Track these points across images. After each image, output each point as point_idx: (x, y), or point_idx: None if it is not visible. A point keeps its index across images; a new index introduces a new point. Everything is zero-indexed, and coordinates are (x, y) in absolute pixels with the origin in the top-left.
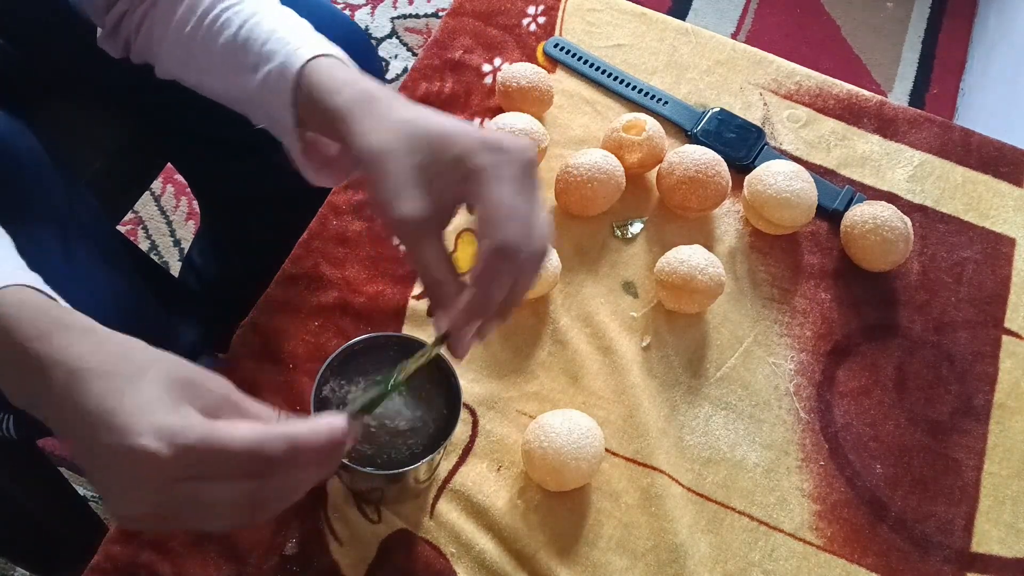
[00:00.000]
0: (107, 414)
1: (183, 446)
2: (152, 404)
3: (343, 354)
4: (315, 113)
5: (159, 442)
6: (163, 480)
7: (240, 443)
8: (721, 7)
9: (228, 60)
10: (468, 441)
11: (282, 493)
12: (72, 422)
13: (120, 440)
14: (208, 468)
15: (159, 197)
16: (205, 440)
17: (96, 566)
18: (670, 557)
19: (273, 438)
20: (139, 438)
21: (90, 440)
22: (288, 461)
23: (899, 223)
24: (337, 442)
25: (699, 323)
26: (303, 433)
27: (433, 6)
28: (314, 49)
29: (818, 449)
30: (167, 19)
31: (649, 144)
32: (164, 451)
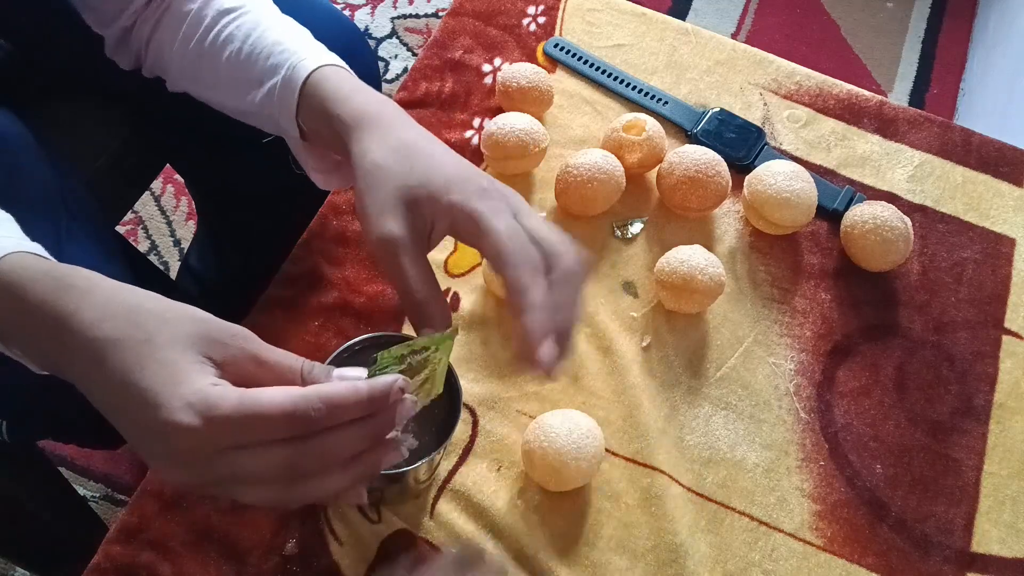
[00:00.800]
0: (133, 387)
1: (217, 416)
2: (175, 373)
3: (343, 354)
4: (320, 123)
5: (193, 416)
6: (201, 452)
7: (276, 407)
8: (721, 7)
9: (233, 75)
10: (468, 441)
11: (324, 458)
12: (100, 395)
13: (154, 415)
14: (245, 436)
15: (159, 197)
16: (240, 408)
17: (96, 566)
18: (670, 557)
19: (309, 398)
20: (172, 413)
21: (123, 414)
22: (326, 421)
23: (899, 223)
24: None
25: (699, 323)
26: (341, 392)
27: (433, 6)
28: (317, 60)
29: (818, 449)
30: (172, 35)
31: (649, 144)
32: (198, 424)
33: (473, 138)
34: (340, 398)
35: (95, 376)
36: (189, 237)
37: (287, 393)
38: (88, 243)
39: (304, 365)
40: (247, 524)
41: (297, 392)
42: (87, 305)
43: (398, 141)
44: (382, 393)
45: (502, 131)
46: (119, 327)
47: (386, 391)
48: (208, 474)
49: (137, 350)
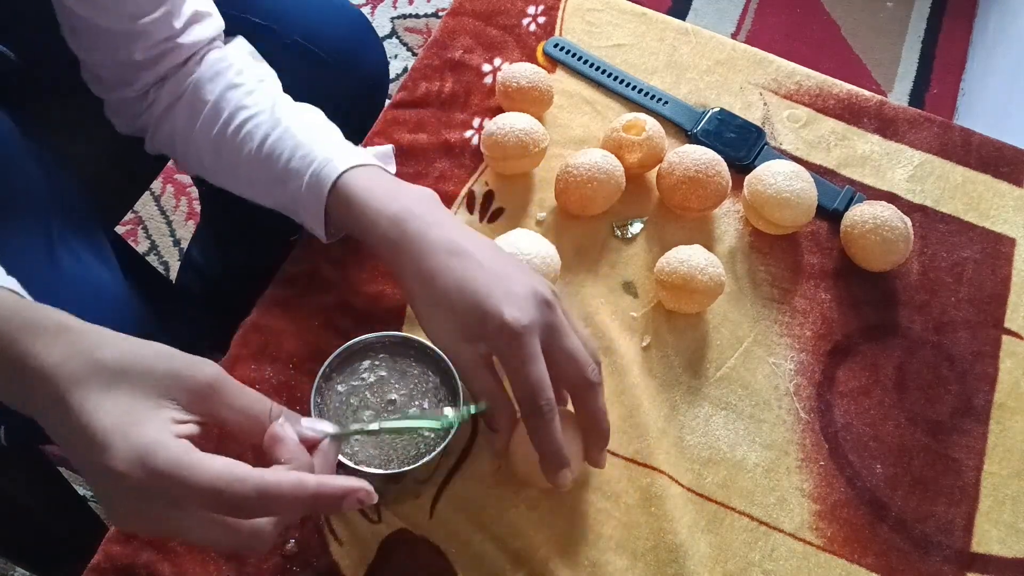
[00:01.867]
0: (88, 430)
1: (153, 469)
2: (131, 419)
3: (343, 354)
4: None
5: (132, 465)
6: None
7: (207, 480)
8: (721, 7)
9: (253, 172)
10: (468, 441)
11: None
12: (58, 433)
13: (100, 459)
14: (176, 496)
15: (159, 197)
16: (173, 468)
17: (96, 566)
18: (670, 557)
19: (244, 483)
20: (114, 460)
21: (78, 455)
22: (257, 507)
23: (899, 223)
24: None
25: (699, 323)
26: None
27: (433, 6)
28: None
29: (818, 449)
30: (189, 123)
31: (649, 144)
32: (136, 473)
33: (473, 138)
34: (277, 491)
35: (55, 415)
36: (189, 237)
37: (225, 470)
38: (81, 246)
39: (272, 410)
40: None
41: (234, 473)
42: (54, 346)
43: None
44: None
45: (502, 131)
46: (83, 369)
47: (339, 495)
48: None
49: (98, 391)
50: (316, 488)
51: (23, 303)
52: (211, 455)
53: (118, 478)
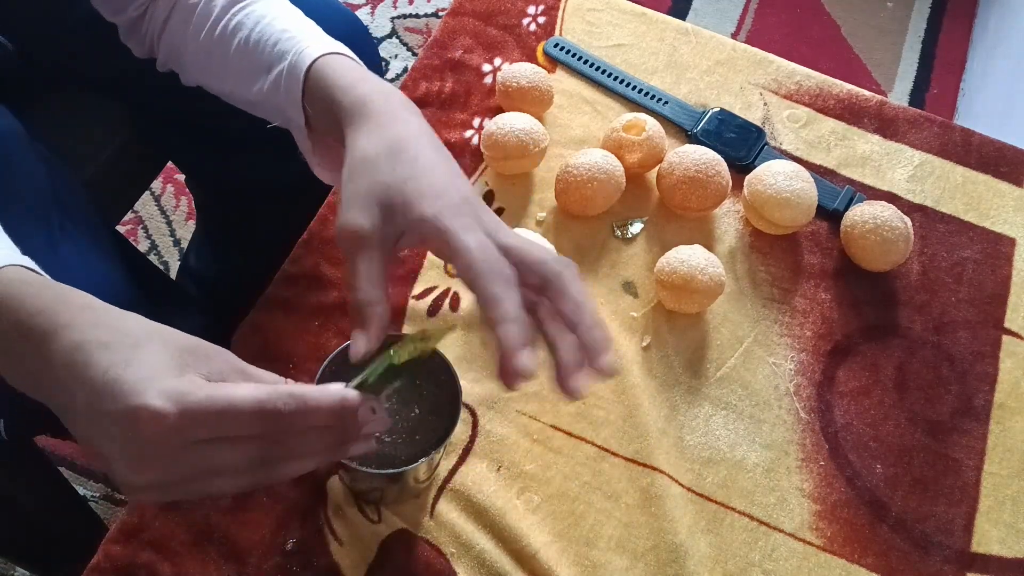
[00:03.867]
0: (112, 383)
1: (190, 404)
2: (157, 370)
3: (343, 354)
4: (323, 111)
5: (165, 402)
6: (171, 442)
7: (247, 399)
8: (721, 7)
9: (242, 63)
10: (468, 441)
11: (291, 454)
12: (75, 395)
13: (126, 403)
14: (216, 427)
15: (159, 197)
16: (212, 398)
17: (96, 566)
18: (670, 557)
19: (280, 394)
20: (146, 398)
21: (95, 410)
22: (296, 418)
23: (899, 223)
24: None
25: (699, 323)
26: (313, 392)
27: (433, 6)
28: (323, 47)
29: (818, 449)
30: (183, 29)
31: (649, 144)
32: (170, 409)
33: (473, 138)
34: (311, 398)
35: (72, 375)
36: (189, 237)
37: (260, 387)
38: (83, 241)
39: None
40: (247, 524)
41: (270, 387)
42: (80, 318)
43: (391, 137)
44: (352, 403)
45: (502, 131)
46: (109, 333)
47: (355, 403)
48: (177, 469)
49: (124, 353)
50: (340, 393)
51: (48, 280)
52: (238, 383)
53: (153, 420)
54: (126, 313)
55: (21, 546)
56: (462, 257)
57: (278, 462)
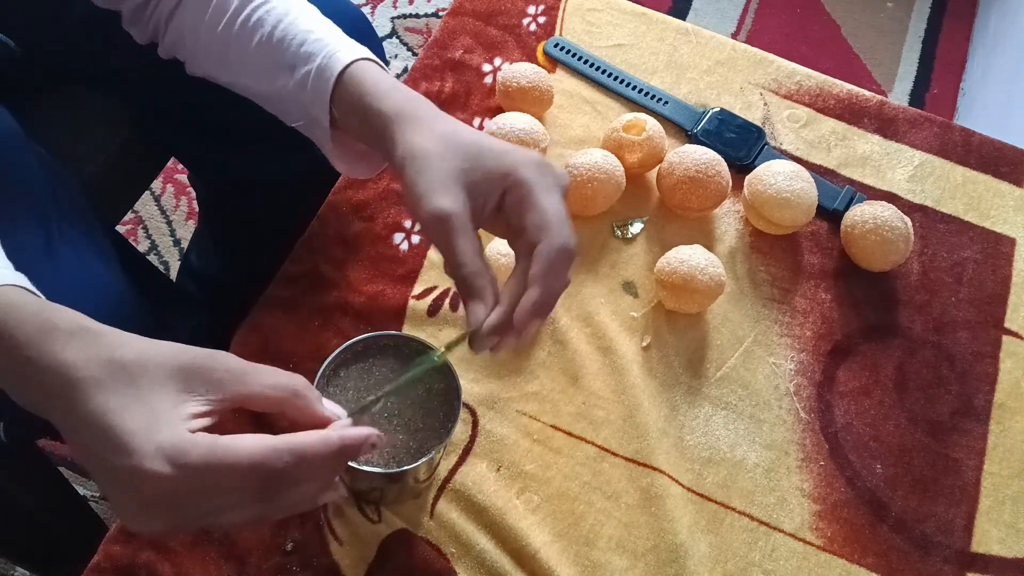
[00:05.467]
0: (111, 432)
1: (187, 464)
2: (154, 419)
3: (343, 354)
4: (353, 116)
5: (163, 464)
6: (172, 498)
7: (246, 459)
8: (721, 7)
9: (263, 59)
10: (468, 441)
11: (290, 502)
12: (79, 437)
13: (127, 462)
14: (214, 483)
15: (159, 197)
16: (208, 458)
17: (96, 566)
18: (670, 557)
19: (279, 451)
20: (144, 460)
21: (99, 459)
22: (296, 473)
23: (899, 223)
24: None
25: (699, 323)
26: (314, 444)
27: (433, 6)
28: (352, 53)
29: (818, 449)
30: (197, 18)
31: (649, 144)
32: (169, 471)
33: None
34: (311, 451)
35: (75, 418)
36: (189, 237)
37: (258, 445)
38: (81, 244)
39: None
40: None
41: (268, 444)
42: (72, 348)
43: (444, 131)
44: (354, 444)
45: (502, 131)
46: (102, 368)
47: (359, 443)
48: (179, 518)
49: (120, 392)
50: (340, 439)
51: (40, 304)
52: (237, 436)
53: (151, 481)
54: (119, 336)
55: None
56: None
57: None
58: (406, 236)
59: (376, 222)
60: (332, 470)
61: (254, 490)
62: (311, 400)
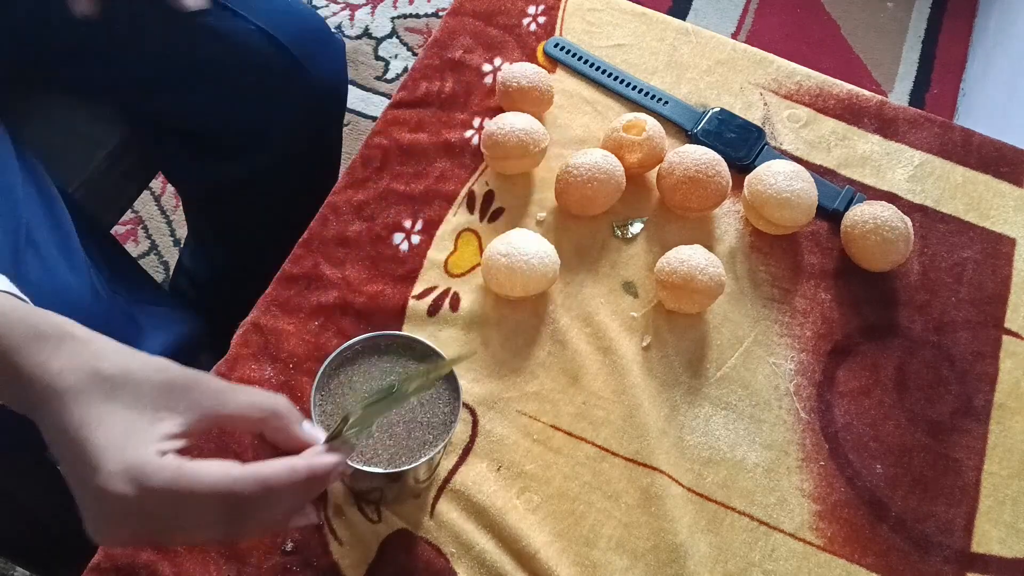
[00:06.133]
0: (84, 444)
1: (149, 488)
2: (127, 435)
3: (343, 354)
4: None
5: (127, 484)
6: (134, 517)
7: (208, 486)
8: (721, 7)
9: None
10: (468, 441)
11: (256, 527)
12: (55, 442)
13: (93, 477)
14: (177, 508)
15: (159, 197)
16: (171, 484)
17: (96, 566)
18: (670, 557)
19: (243, 481)
20: (108, 480)
21: (69, 466)
22: (261, 502)
23: (899, 223)
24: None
25: (699, 323)
26: (279, 474)
27: (433, 6)
28: None
29: (818, 449)
30: None
31: (649, 144)
32: (131, 493)
33: (473, 138)
34: (276, 481)
35: (55, 425)
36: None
37: (223, 473)
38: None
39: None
40: None
41: (233, 473)
42: (56, 356)
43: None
44: (322, 473)
45: (502, 131)
46: (83, 379)
47: (326, 472)
48: (139, 534)
49: (97, 404)
50: (307, 469)
51: (27, 309)
52: (203, 461)
53: (111, 499)
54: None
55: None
56: None
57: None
58: (406, 236)
59: (376, 222)
60: (300, 497)
61: (219, 515)
62: (291, 421)
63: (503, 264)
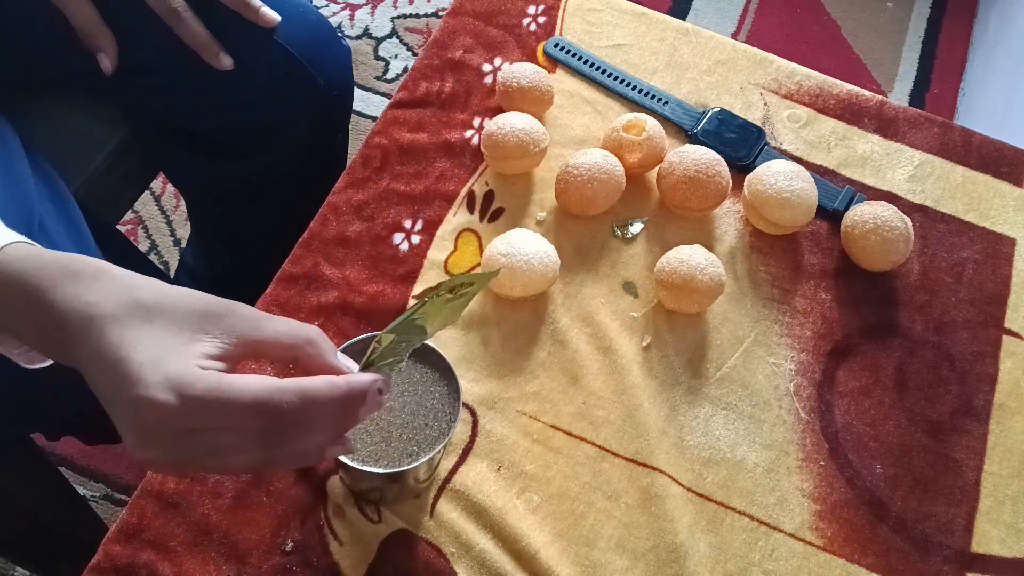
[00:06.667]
0: (122, 363)
1: (191, 396)
2: (165, 351)
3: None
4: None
5: (168, 393)
6: (173, 427)
7: (249, 395)
8: (721, 7)
9: None
10: (468, 441)
11: (295, 447)
12: (93, 370)
13: (133, 390)
14: (217, 418)
15: (159, 197)
16: (213, 391)
17: (96, 566)
18: (670, 557)
19: (285, 391)
20: (149, 389)
21: (108, 388)
22: (300, 415)
23: (899, 223)
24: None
25: (699, 323)
26: (319, 387)
27: (433, 6)
28: None
29: (818, 449)
30: None
31: (649, 144)
32: (173, 401)
33: (473, 138)
34: (317, 393)
35: (90, 352)
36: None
37: (263, 384)
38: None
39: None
40: (247, 524)
41: (273, 384)
42: (93, 289)
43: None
44: (360, 391)
45: (502, 131)
46: (121, 306)
47: (364, 390)
48: (179, 451)
49: (135, 328)
50: (346, 384)
51: (56, 252)
52: (244, 375)
53: (154, 409)
54: (139, 278)
55: (21, 546)
56: None
57: (281, 448)
58: (406, 236)
59: (376, 222)
60: (339, 418)
61: (258, 430)
62: (325, 350)
63: (503, 264)
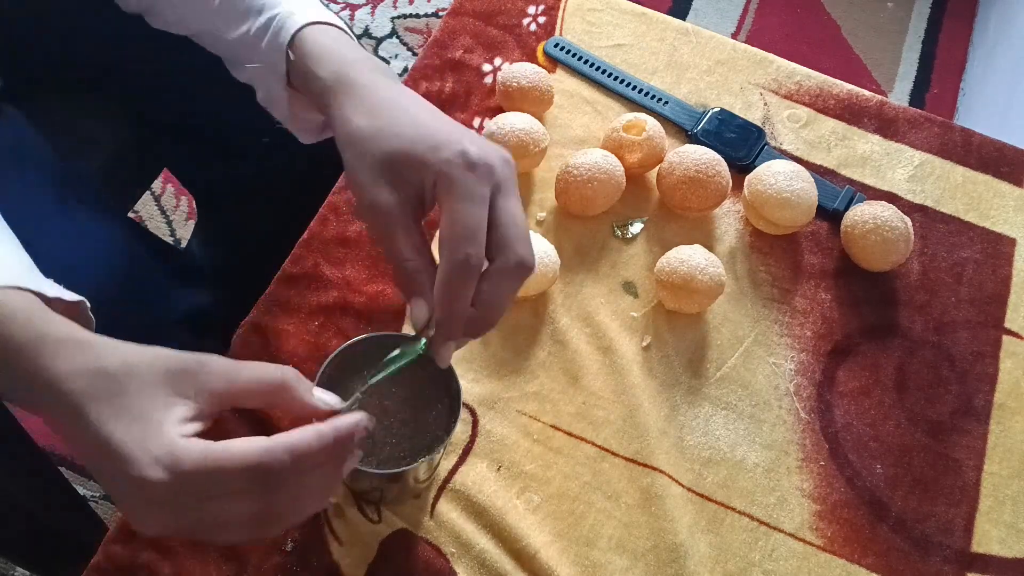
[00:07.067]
0: (107, 443)
1: (182, 472)
2: (145, 426)
3: (343, 354)
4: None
5: (158, 471)
6: (172, 502)
7: (239, 461)
8: (721, 7)
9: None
10: (468, 441)
11: (294, 503)
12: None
13: (123, 468)
14: (211, 488)
15: (159, 197)
16: (203, 463)
17: (96, 566)
18: (670, 557)
19: (273, 451)
20: (142, 469)
21: (100, 467)
22: (293, 471)
23: (899, 223)
24: (345, 441)
25: (699, 323)
26: (307, 439)
27: (433, 6)
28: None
29: (818, 449)
30: None
31: (649, 144)
32: (165, 479)
33: None
34: (306, 447)
35: (73, 429)
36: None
37: (251, 446)
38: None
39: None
40: None
41: (261, 445)
42: (62, 359)
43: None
44: (347, 435)
45: (502, 131)
46: (90, 381)
47: (350, 431)
48: (181, 521)
49: (110, 403)
50: (333, 430)
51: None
52: (231, 440)
53: (147, 487)
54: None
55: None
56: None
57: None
58: None
59: None
60: (333, 464)
61: (255, 493)
62: (300, 391)
63: None
